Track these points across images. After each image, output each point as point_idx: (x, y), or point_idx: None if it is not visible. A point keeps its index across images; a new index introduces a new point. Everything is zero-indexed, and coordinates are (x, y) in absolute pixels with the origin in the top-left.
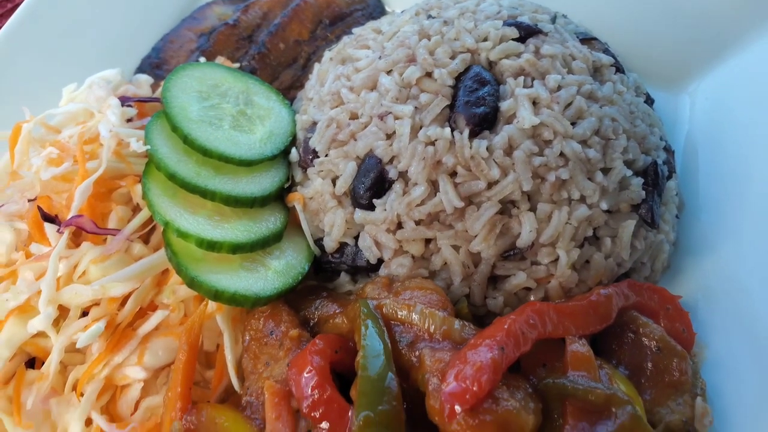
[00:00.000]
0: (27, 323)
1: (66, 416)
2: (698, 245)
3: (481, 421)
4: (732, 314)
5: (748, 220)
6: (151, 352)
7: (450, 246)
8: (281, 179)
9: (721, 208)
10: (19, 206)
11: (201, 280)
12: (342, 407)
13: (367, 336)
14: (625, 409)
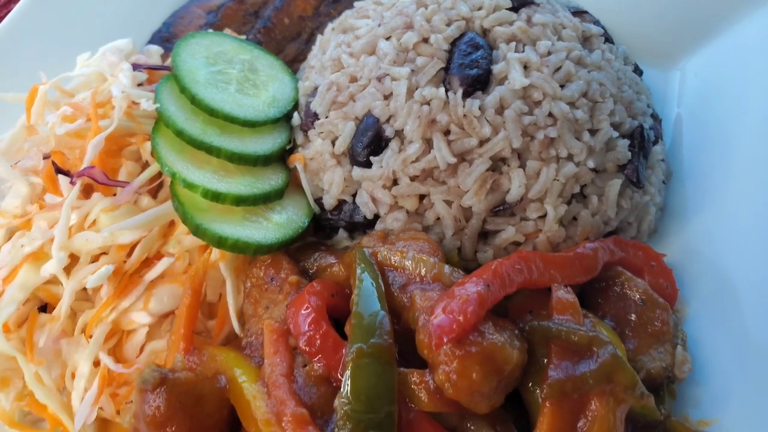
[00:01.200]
0: (40, 269)
1: (75, 356)
2: (684, 211)
3: (467, 352)
4: (714, 275)
5: (732, 188)
6: (157, 298)
7: (443, 201)
8: (283, 141)
9: (707, 176)
10: (34, 162)
11: (206, 228)
12: (337, 342)
13: (362, 277)
14: (606, 348)
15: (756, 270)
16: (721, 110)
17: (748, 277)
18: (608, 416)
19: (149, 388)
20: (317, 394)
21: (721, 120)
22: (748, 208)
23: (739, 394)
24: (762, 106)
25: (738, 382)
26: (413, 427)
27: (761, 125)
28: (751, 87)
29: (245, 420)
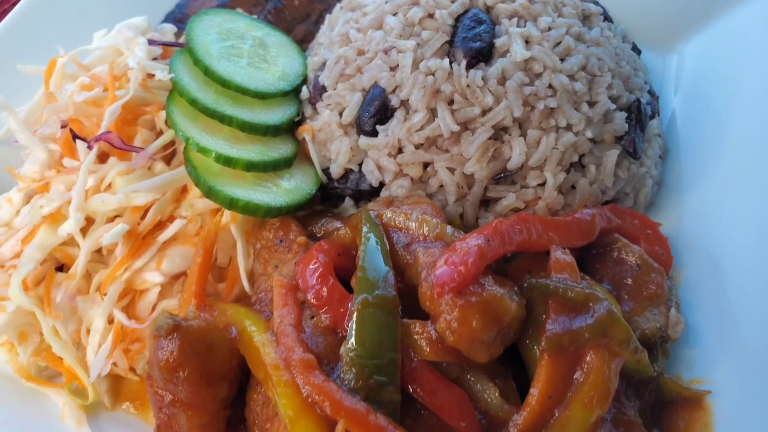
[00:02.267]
0: (58, 230)
1: (90, 312)
2: (680, 186)
3: (467, 302)
4: (708, 247)
5: (726, 165)
6: (169, 259)
7: (446, 168)
8: (292, 113)
9: (703, 153)
10: (53, 130)
11: (217, 190)
12: (343, 295)
13: (367, 235)
14: (602, 304)
15: (748, 243)
16: (717, 91)
17: (740, 249)
18: (603, 368)
19: (163, 334)
20: (324, 344)
21: (717, 101)
22: (741, 184)
23: (729, 356)
24: (757, 88)
25: (728, 345)
26: (416, 375)
27: (756, 107)
28: (748, 70)
29: (254, 366)
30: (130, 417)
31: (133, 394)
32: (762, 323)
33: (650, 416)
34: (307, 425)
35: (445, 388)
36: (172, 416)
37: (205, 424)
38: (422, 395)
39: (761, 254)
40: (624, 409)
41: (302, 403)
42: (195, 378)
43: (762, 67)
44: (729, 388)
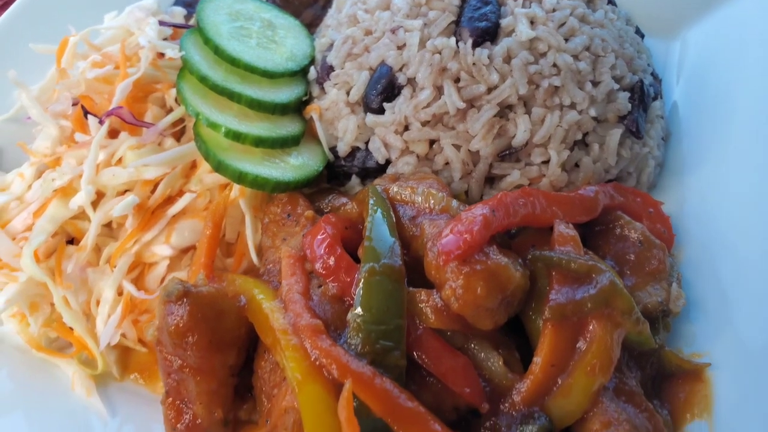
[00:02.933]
0: (69, 203)
1: (100, 283)
2: (682, 168)
3: (472, 270)
4: (709, 227)
5: (728, 148)
6: (178, 233)
7: (452, 145)
8: (300, 93)
9: (705, 136)
10: (64, 106)
11: (227, 163)
12: (350, 265)
13: (374, 208)
14: (605, 275)
15: (748, 224)
16: (720, 77)
17: (741, 229)
18: (606, 338)
19: (173, 299)
20: (331, 311)
21: (720, 86)
22: (743, 167)
23: (729, 331)
24: (760, 74)
25: (728, 321)
26: (421, 342)
27: (759, 93)
28: (750, 56)
29: (263, 332)
30: (139, 387)
31: (141, 365)
32: (761, 301)
33: (651, 388)
34: (314, 388)
35: (449, 355)
36: (181, 382)
37: (214, 390)
38: (427, 362)
39: (762, 235)
40: (626, 379)
41: (310, 367)
42: (204, 343)
43: (765, 53)
44: (728, 362)
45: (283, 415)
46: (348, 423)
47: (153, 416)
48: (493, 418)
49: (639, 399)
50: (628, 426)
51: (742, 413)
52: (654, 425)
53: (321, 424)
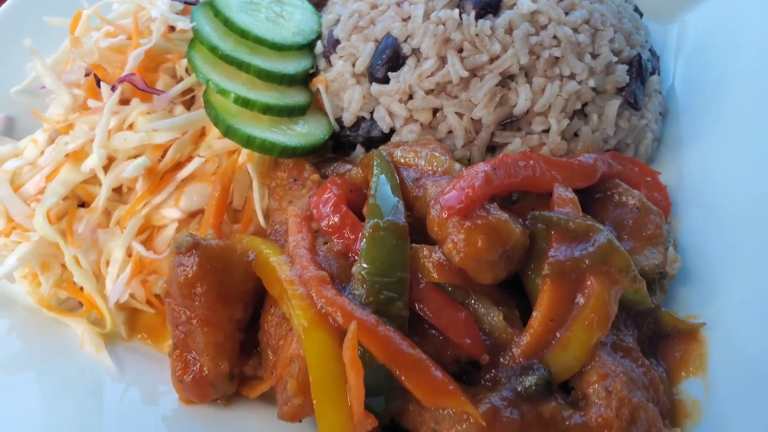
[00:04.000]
0: (81, 167)
1: (110, 244)
2: (680, 143)
3: (473, 224)
4: (707, 197)
5: (725, 123)
6: (187, 196)
7: (455, 113)
8: (307, 66)
9: (702, 113)
10: (77, 76)
11: (235, 128)
12: (355, 223)
13: (378, 169)
14: (602, 234)
15: (745, 194)
16: (717, 58)
17: (737, 199)
18: (603, 294)
19: (183, 251)
20: (336, 266)
21: (717, 67)
22: (740, 142)
23: (723, 294)
24: (757, 56)
25: (723, 285)
26: (423, 296)
27: (755, 73)
28: (748, 39)
29: (270, 284)
30: (146, 347)
31: (149, 326)
32: (756, 266)
33: (648, 347)
34: (320, 335)
35: (451, 308)
36: (189, 333)
37: (220, 342)
38: (429, 314)
39: (757, 206)
40: (623, 336)
41: (316, 315)
42: (212, 295)
43: (762, 36)
44: (723, 323)
45: (289, 365)
46: (352, 364)
47: (160, 373)
48: (493, 371)
49: (636, 355)
50: (624, 378)
51: (735, 371)
52: (650, 379)
53: (326, 370)
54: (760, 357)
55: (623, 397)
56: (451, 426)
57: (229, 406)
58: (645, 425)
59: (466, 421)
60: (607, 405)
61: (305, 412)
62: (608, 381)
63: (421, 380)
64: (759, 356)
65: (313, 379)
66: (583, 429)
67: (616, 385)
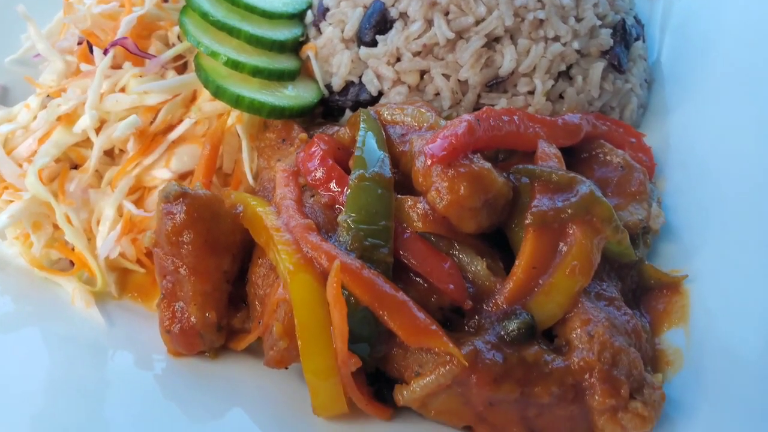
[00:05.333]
0: (73, 129)
1: (101, 203)
2: (665, 110)
3: (457, 172)
4: (691, 159)
5: (709, 91)
6: (177, 157)
7: (441, 75)
8: (297, 34)
9: (687, 81)
10: (70, 43)
11: (225, 88)
12: (341, 176)
13: (364, 125)
14: (585, 184)
15: (728, 157)
16: (701, 28)
17: (721, 161)
18: (586, 242)
19: (170, 199)
20: (323, 218)
21: (702, 35)
22: (723, 108)
23: (705, 249)
24: (742, 26)
25: (705, 241)
26: (408, 245)
27: (738, 40)
28: (731, 8)
29: (257, 233)
30: (136, 305)
31: (139, 286)
32: (738, 223)
33: (632, 300)
34: (305, 277)
35: (435, 256)
36: (176, 283)
37: (208, 292)
38: (413, 262)
39: (740, 169)
40: (606, 287)
41: (301, 259)
42: (199, 243)
43: (745, 7)
44: (705, 276)
45: (275, 311)
46: (335, 301)
47: (149, 329)
48: (476, 318)
49: (619, 304)
50: (607, 323)
51: (716, 321)
52: (632, 327)
53: (311, 312)
54: (740, 308)
55: (605, 341)
56: (434, 368)
57: (217, 359)
58: (626, 369)
59: (449, 363)
60: (589, 349)
61: (291, 358)
62: (590, 326)
63: (403, 320)
64: (739, 307)
65: (298, 321)
66: (566, 372)
67: (598, 329)
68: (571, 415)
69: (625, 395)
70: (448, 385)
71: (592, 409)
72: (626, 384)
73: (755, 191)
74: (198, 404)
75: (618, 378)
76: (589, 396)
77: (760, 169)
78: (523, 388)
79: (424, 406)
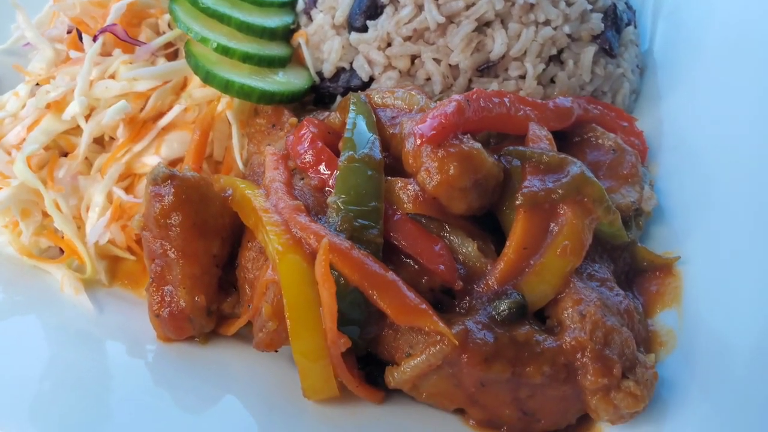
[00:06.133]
0: (62, 116)
1: (91, 190)
2: (657, 96)
3: (446, 152)
4: (683, 144)
5: (701, 77)
6: (168, 144)
7: (432, 59)
8: (288, 21)
9: (679, 67)
10: (60, 31)
11: (214, 73)
12: (331, 158)
13: (354, 108)
14: (576, 165)
15: (722, 142)
16: (693, 15)
17: (713, 144)
18: (577, 222)
19: (159, 181)
20: (312, 200)
21: (693, 23)
22: (716, 93)
23: (698, 232)
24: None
25: (698, 223)
26: (398, 227)
27: (730, 27)
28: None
29: (245, 215)
30: (126, 292)
31: (129, 274)
32: (730, 206)
33: (624, 282)
34: (294, 258)
35: (425, 236)
36: (165, 266)
37: (197, 275)
38: (404, 243)
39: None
40: (599, 269)
41: (290, 239)
42: (188, 225)
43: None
44: (698, 258)
45: (264, 293)
46: (324, 279)
47: (139, 316)
48: (467, 299)
49: (611, 285)
50: (599, 303)
51: (709, 300)
52: (625, 308)
53: (300, 292)
54: (733, 289)
55: (597, 320)
56: (425, 348)
57: (208, 344)
58: (618, 348)
59: (440, 342)
60: (581, 328)
61: (280, 340)
62: (582, 305)
63: (393, 299)
64: (731, 288)
65: (287, 301)
66: (557, 352)
67: (590, 309)
68: (563, 395)
69: (617, 374)
70: (439, 366)
71: (585, 389)
72: (618, 363)
73: (747, 176)
74: (188, 389)
75: (610, 357)
76: (581, 376)
77: (752, 154)
78: (515, 368)
79: (415, 388)
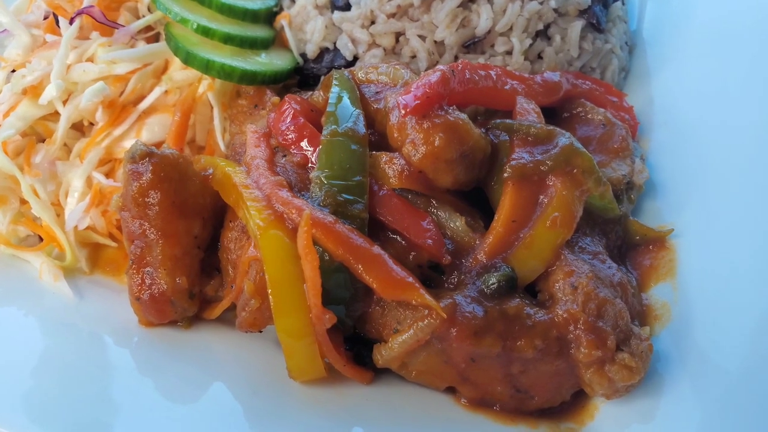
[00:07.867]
0: (39, 101)
1: (69, 174)
2: (647, 73)
3: (432, 123)
4: (674, 118)
5: (690, 54)
6: (148, 128)
7: (417, 36)
8: (271, 4)
9: (668, 45)
10: (36, 16)
11: (195, 54)
12: (313, 133)
13: (338, 82)
14: (564, 136)
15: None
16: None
17: (703, 121)
18: (566, 194)
19: (136, 159)
20: (295, 177)
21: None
22: (705, 69)
23: (690, 205)
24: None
25: (690, 196)
26: (384, 202)
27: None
28: None
29: (226, 193)
30: (107, 279)
31: (111, 261)
32: (722, 178)
33: (618, 256)
34: (275, 234)
35: (411, 211)
36: (145, 247)
37: (178, 256)
38: (390, 219)
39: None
40: (590, 242)
41: (272, 215)
42: (167, 203)
43: None
44: (691, 231)
45: (247, 271)
46: (306, 253)
47: (120, 302)
48: (455, 274)
49: (603, 258)
50: (591, 275)
51: (704, 273)
52: (618, 281)
53: (282, 268)
54: (727, 261)
55: (589, 291)
56: (413, 323)
57: (191, 329)
58: (612, 320)
59: (428, 316)
60: (573, 300)
61: (264, 319)
62: (574, 278)
63: (378, 273)
64: (726, 260)
65: (269, 277)
66: (549, 325)
67: (582, 280)
68: (556, 370)
69: (611, 346)
70: (428, 341)
71: (578, 362)
72: (612, 335)
73: (738, 149)
74: (171, 374)
75: (604, 329)
76: (574, 349)
77: (742, 128)
78: (505, 341)
79: (404, 367)
